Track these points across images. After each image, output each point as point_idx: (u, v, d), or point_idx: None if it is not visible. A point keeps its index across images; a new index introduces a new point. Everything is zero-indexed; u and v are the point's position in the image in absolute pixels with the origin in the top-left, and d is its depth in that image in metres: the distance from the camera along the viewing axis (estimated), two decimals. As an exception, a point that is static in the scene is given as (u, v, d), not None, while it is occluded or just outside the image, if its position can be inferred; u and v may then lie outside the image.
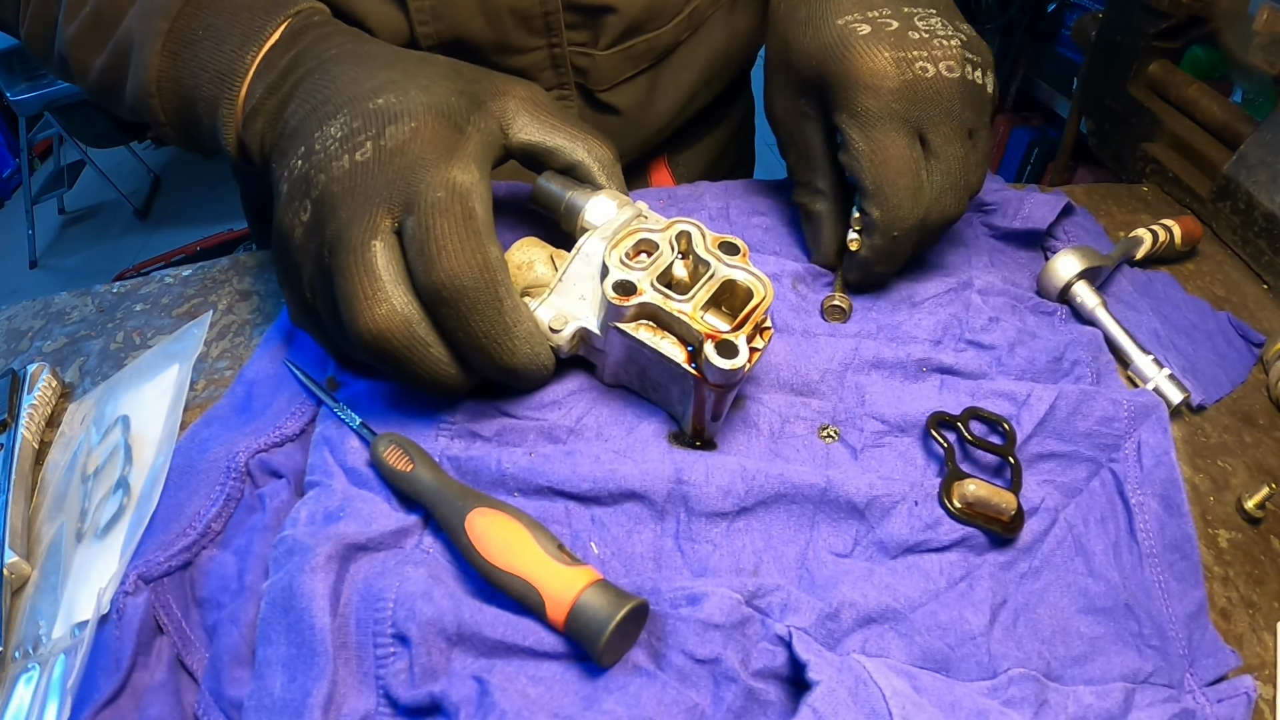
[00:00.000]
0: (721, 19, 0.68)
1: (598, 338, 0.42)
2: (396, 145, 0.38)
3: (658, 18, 0.63)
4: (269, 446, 0.44)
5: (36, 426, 0.49)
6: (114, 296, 0.59)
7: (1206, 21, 0.73)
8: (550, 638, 0.35)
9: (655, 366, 0.41)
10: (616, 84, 0.64)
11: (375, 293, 0.37)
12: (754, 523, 0.40)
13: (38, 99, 2.48)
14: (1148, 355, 0.51)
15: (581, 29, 0.60)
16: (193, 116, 0.47)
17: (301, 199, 0.39)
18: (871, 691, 0.32)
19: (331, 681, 0.33)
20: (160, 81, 0.46)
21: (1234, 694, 0.37)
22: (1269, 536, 0.45)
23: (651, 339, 0.40)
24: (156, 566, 0.38)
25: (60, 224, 3.07)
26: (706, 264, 0.41)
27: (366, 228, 0.37)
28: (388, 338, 0.37)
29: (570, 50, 0.61)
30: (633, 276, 0.40)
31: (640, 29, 0.62)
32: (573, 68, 0.62)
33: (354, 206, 0.37)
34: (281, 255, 0.42)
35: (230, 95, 0.45)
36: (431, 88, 0.41)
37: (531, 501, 0.40)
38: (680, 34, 0.65)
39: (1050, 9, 1.93)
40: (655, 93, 0.67)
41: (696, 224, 0.42)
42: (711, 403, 0.40)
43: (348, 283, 0.37)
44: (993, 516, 0.40)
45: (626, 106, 0.66)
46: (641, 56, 0.64)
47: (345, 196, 0.38)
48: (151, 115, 0.48)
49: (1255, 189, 0.62)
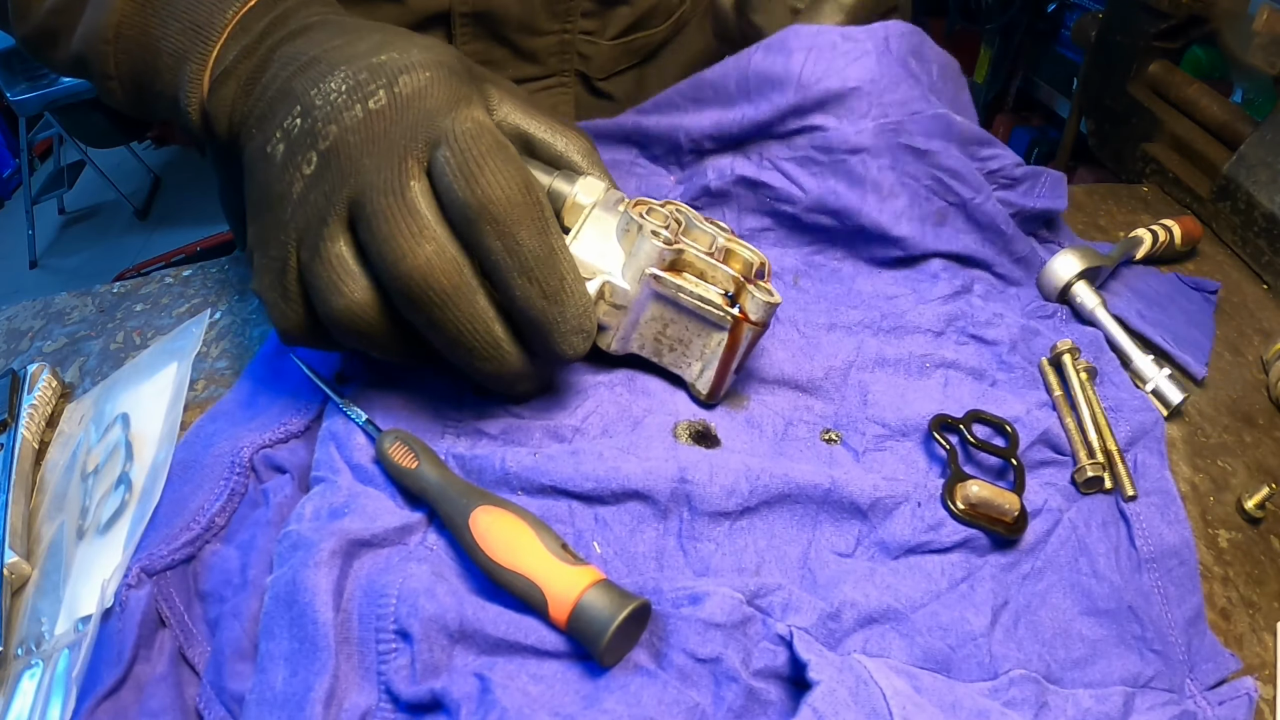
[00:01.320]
0: (698, 24, 0.73)
1: (623, 291, 0.42)
2: (414, 91, 0.37)
3: (657, 15, 0.68)
4: (274, 442, 0.44)
5: (36, 426, 0.49)
6: (114, 296, 0.59)
7: (1206, 21, 0.73)
8: (552, 636, 0.35)
9: (683, 318, 0.42)
10: (612, 74, 0.68)
11: (421, 229, 0.35)
12: (757, 522, 0.40)
13: (38, 99, 2.48)
14: (1147, 355, 0.51)
15: (594, 18, 0.64)
16: (150, 71, 0.44)
17: (305, 152, 0.37)
18: (872, 691, 0.32)
19: (333, 677, 0.33)
20: (121, 27, 0.43)
21: (1235, 695, 0.37)
22: (1269, 536, 0.45)
23: (688, 284, 0.41)
24: (159, 560, 0.39)
25: (60, 224, 3.07)
26: (708, 235, 0.43)
27: (400, 170, 0.35)
28: (437, 277, 0.35)
29: (579, 38, 0.64)
30: (663, 230, 0.41)
31: (642, 24, 0.67)
32: (578, 54, 0.65)
33: (380, 152, 0.36)
34: (263, 213, 0.39)
35: (202, 51, 0.42)
36: (432, 51, 0.39)
37: (535, 500, 0.40)
38: (668, 35, 0.70)
39: (1050, 9, 1.93)
40: (643, 87, 0.71)
41: (686, 205, 0.45)
42: (746, 344, 0.42)
43: (388, 224, 0.35)
44: (996, 518, 0.40)
45: (620, 96, 0.70)
46: (637, 51, 0.68)
47: (367, 144, 0.36)
48: (100, 66, 0.44)
49: (1255, 189, 0.62)
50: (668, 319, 0.43)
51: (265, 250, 0.39)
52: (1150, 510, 0.43)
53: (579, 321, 0.38)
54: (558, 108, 0.68)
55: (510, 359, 0.38)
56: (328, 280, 0.37)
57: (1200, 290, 0.60)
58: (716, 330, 0.41)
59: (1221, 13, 0.72)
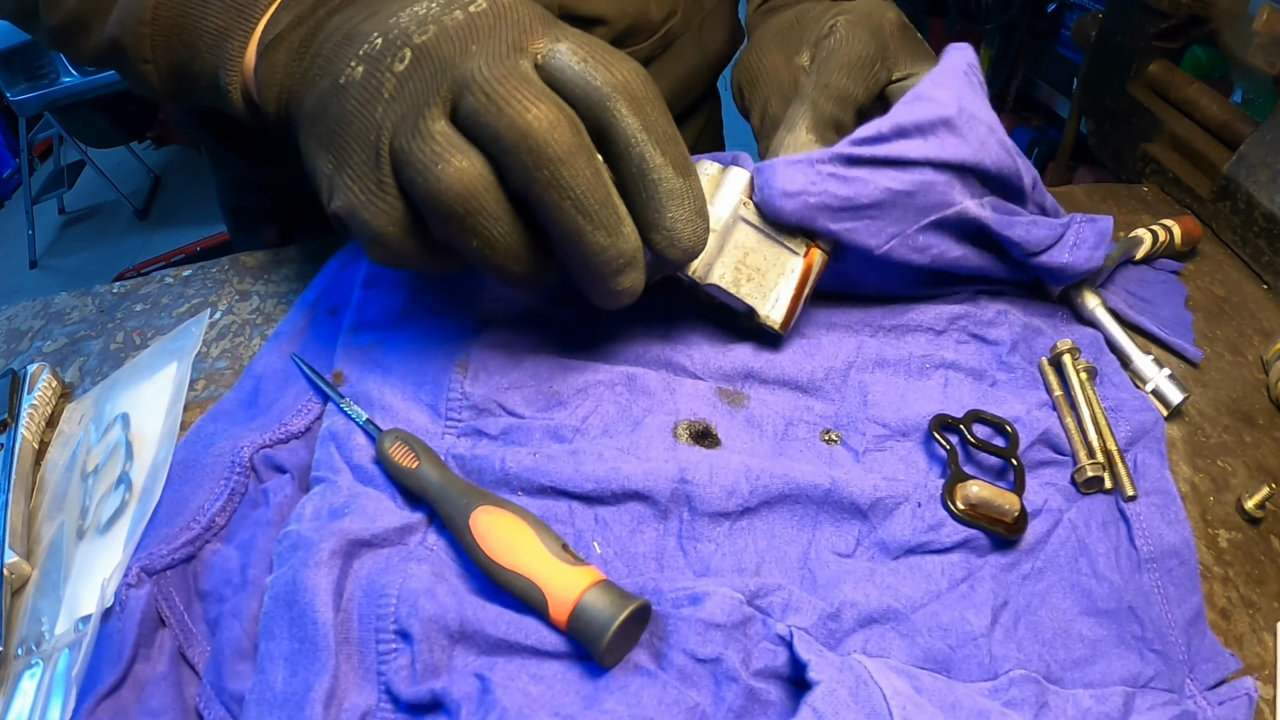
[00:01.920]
0: (692, 38, 0.71)
1: (714, 217, 0.44)
2: (509, 5, 0.36)
3: (639, 33, 0.66)
4: (274, 442, 0.44)
5: (36, 426, 0.49)
6: (114, 296, 0.59)
7: (1206, 21, 0.73)
8: (552, 637, 0.35)
9: (762, 248, 0.45)
10: None
11: (537, 95, 0.33)
12: (757, 522, 0.40)
13: (38, 99, 2.48)
14: (1147, 355, 0.51)
15: None
16: (189, 51, 0.43)
17: (397, 51, 0.35)
18: (872, 691, 0.32)
19: (333, 677, 0.33)
20: (159, 8, 0.42)
21: (1235, 695, 0.37)
22: (1269, 536, 0.45)
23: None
24: (159, 559, 0.39)
25: (60, 224, 3.07)
26: None
27: (510, 50, 0.35)
28: (556, 133, 0.33)
29: None
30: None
31: (622, 43, 0.65)
32: None
33: (489, 41, 0.35)
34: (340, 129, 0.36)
35: (244, 27, 0.41)
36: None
37: (535, 501, 0.40)
38: (654, 51, 0.68)
39: (1050, 9, 1.94)
40: None
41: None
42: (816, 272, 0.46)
43: (503, 88, 0.33)
44: (996, 518, 0.40)
45: None
46: None
47: (473, 35, 0.35)
48: (135, 50, 0.43)
49: (1255, 189, 0.62)
50: (749, 247, 0.45)
51: (349, 158, 0.36)
52: (1150, 510, 0.43)
53: (700, 204, 0.37)
54: None
55: (627, 233, 0.36)
56: (431, 153, 0.34)
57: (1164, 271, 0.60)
58: (793, 257, 0.45)
59: (1221, 13, 0.72)
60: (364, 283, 0.50)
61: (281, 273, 0.59)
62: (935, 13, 2.36)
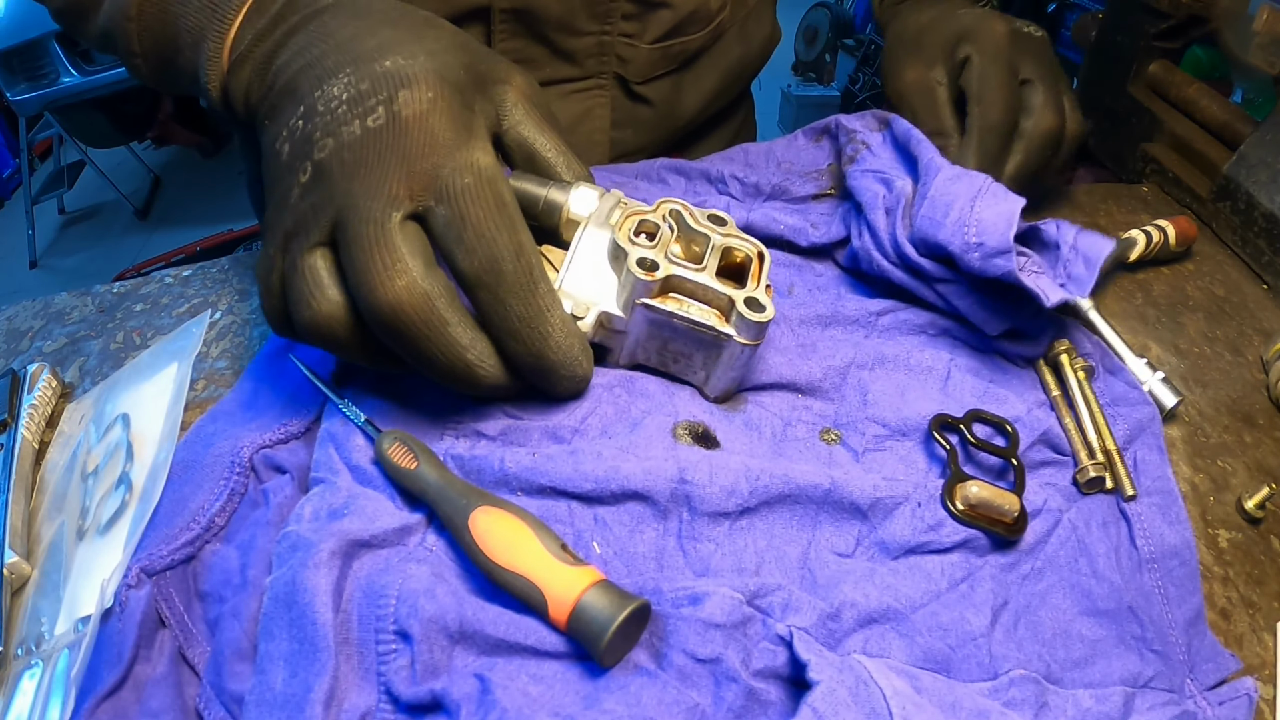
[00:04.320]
0: (737, 32, 0.73)
1: (619, 319, 0.42)
2: (413, 115, 0.37)
3: (696, 21, 0.68)
4: (274, 442, 0.44)
5: (36, 426, 0.49)
6: (114, 296, 0.59)
7: (1206, 21, 0.73)
8: (552, 637, 0.35)
9: (680, 337, 0.43)
10: (650, 79, 0.68)
11: (394, 263, 0.35)
12: (757, 522, 0.40)
13: (38, 99, 2.48)
14: (1141, 359, 0.51)
15: (634, 20, 0.64)
16: (171, 49, 0.44)
17: (302, 161, 0.37)
18: (872, 691, 0.32)
19: (333, 677, 0.33)
20: (143, 4, 0.44)
21: (1235, 695, 0.37)
22: (1269, 536, 0.45)
23: (680, 309, 0.41)
24: (159, 560, 0.39)
25: (60, 224, 3.07)
26: (704, 236, 0.43)
27: (387, 199, 0.36)
28: (407, 312, 0.35)
29: (618, 40, 0.64)
30: (649, 254, 0.41)
31: (682, 30, 0.67)
32: (616, 57, 0.65)
33: (370, 177, 0.36)
34: (270, 205, 0.39)
35: (218, 29, 0.42)
36: (440, 55, 0.39)
37: (534, 501, 0.40)
38: (706, 42, 0.70)
39: (1050, 9, 1.93)
40: (680, 93, 0.71)
41: (682, 202, 0.44)
42: (744, 359, 0.42)
43: (364, 254, 0.35)
44: (996, 518, 0.40)
45: (657, 101, 0.70)
46: (675, 57, 0.68)
47: (358, 166, 0.36)
48: (125, 43, 0.45)
49: (1255, 189, 0.62)
50: (665, 337, 0.43)
51: (264, 243, 0.40)
52: (1151, 510, 0.43)
53: (568, 370, 0.40)
54: (593, 110, 0.68)
55: (486, 379, 0.39)
56: (298, 290, 0.37)
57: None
58: (714, 345, 0.43)
59: (1221, 13, 0.72)
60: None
61: (281, 273, 0.59)
62: (935, 13, 2.36)
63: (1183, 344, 0.56)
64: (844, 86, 2.80)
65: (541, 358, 0.39)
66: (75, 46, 2.40)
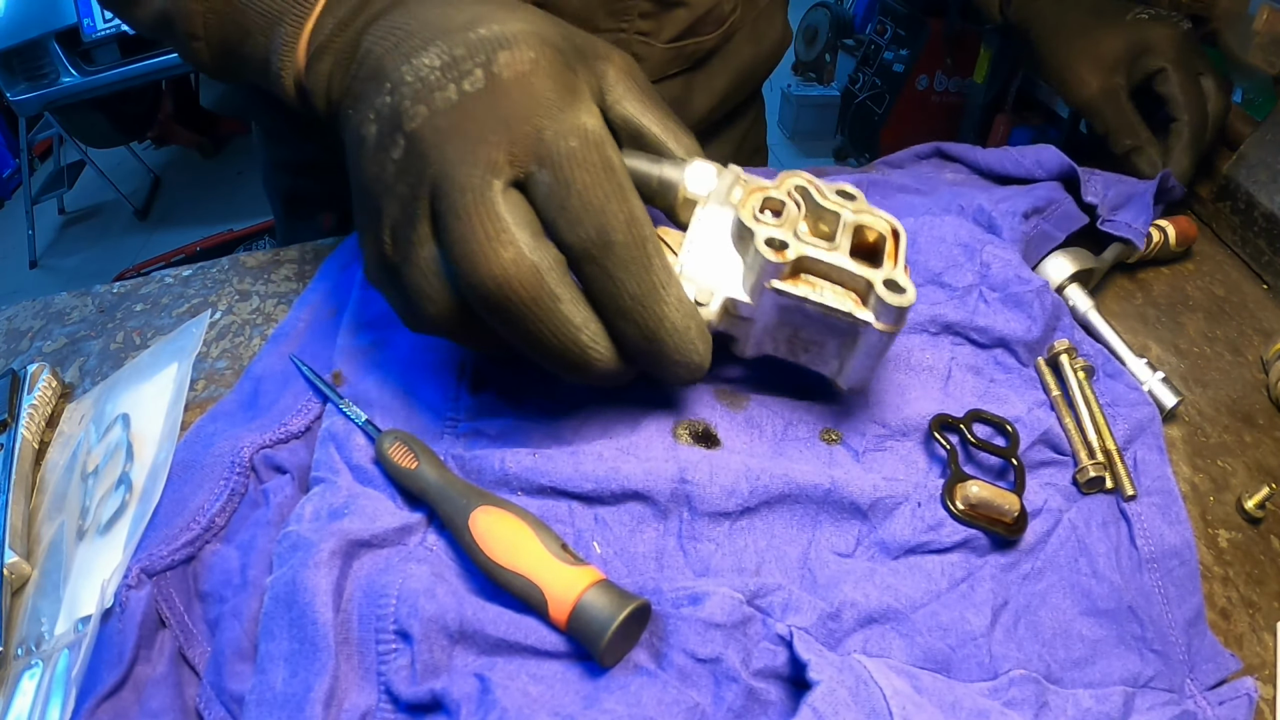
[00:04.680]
0: (748, 34, 0.73)
1: (745, 305, 0.39)
2: (514, 76, 0.34)
3: (710, 22, 0.67)
4: (274, 442, 0.44)
5: (36, 426, 0.49)
6: (114, 296, 0.59)
7: (1206, 21, 0.73)
8: (552, 636, 0.35)
9: (813, 324, 0.39)
10: (663, 79, 0.68)
11: (499, 234, 0.32)
12: (757, 522, 0.40)
13: (38, 99, 2.47)
14: (1141, 359, 0.51)
15: (650, 19, 0.64)
16: (240, 33, 0.41)
17: (392, 133, 0.34)
18: (872, 691, 0.32)
19: (333, 677, 0.33)
20: None
21: (1235, 695, 0.37)
22: (1269, 536, 0.45)
23: (813, 292, 0.38)
24: (159, 560, 0.39)
25: (60, 224, 3.07)
26: (833, 214, 0.40)
27: (486, 165, 0.33)
28: (515, 286, 0.32)
29: (635, 38, 0.64)
30: (778, 233, 0.38)
31: (695, 30, 0.67)
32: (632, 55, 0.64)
33: (466, 142, 0.33)
34: (363, 200, 0.37)
35: (297, 15, 0.40)
36: (537, 23, 0.36)
37: (535, 501, 0.40)
38: (718, 43, 0.70)
39: (1050, 10, 1.93)
40: (691, 93, 0.71)
41: (808, 176, 0.41)
42: (882, 345, 0.39)
43: (464, 225, 0.32)
44: (996, 518, 0.40)
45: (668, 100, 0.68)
46: (688, 57, 0.68)
47: (454, 131, 0.33)
48: (186, 25, 0.42)
49: (1255, 189, 0.62)
50: (797, 325, 0.40)
51: (365, 240, 0.37)
52: (1151, 510, 0.43)
53: (683, 355, 0.36)
54: None
55: (600, 364, 0.36)
56: (416, 289, 0.35)
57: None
58: (849, 332, 0.39)
59: (1221, 13, 0.72)
60: (364, 283, 0.50)
61: (281, 273, 0.59)
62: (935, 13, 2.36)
63: (1183, 344, 0.56)
64: (844, 86, 2.80)
65: (655, 340, 0.35)
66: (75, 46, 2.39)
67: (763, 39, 0.75)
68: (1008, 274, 0.51)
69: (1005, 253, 0.52)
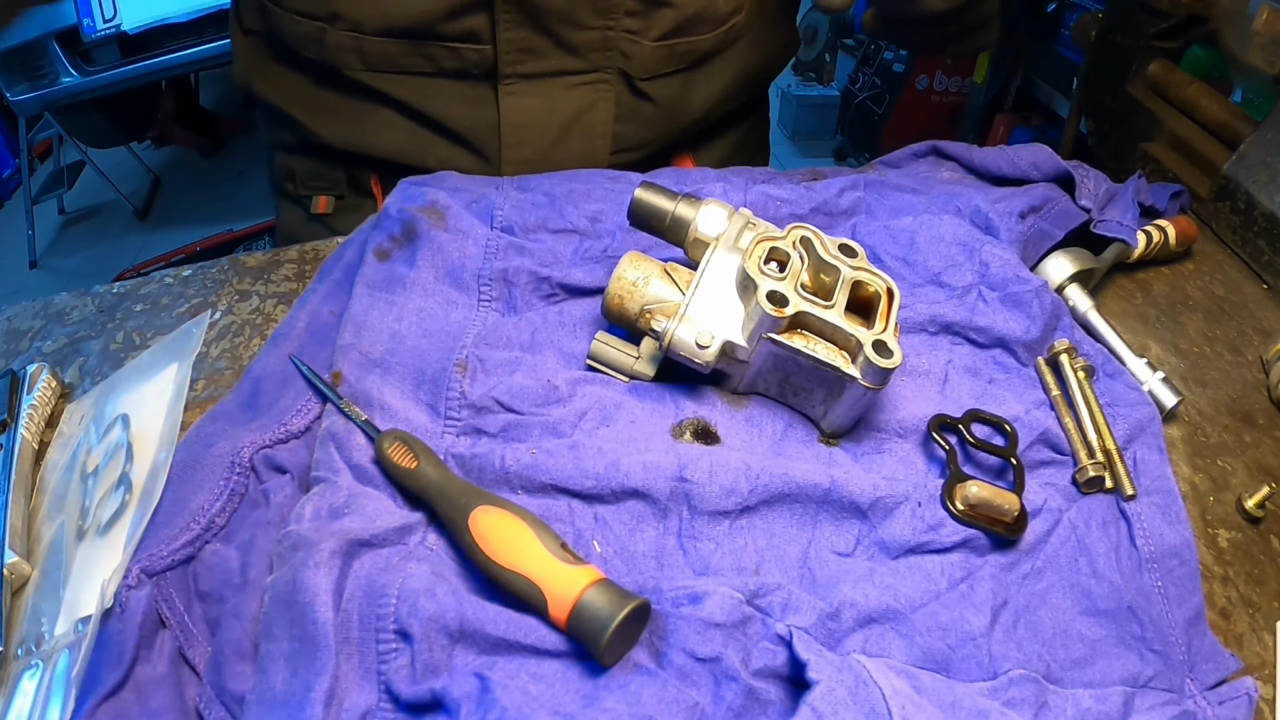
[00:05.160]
0: (751, 39, 0.73)
1: (742, 349, 0.42)
2: None
3: (703, 23, 0.68)
4: (274, 442, 0.44)
5: (36, 427, 0.49)
6: (114, 296, 0.59)
7: (1206, 21, 0.73)
8: (552, 636, 0.35)
9: (804, 373, 0.42)
10: (655, 76, 0.68)
11: None
12: (756, 521, 0.40)
13: (38, 99, 2.47)
14: (1141, 359, 0.51)
15: (638, 17, 0.65)
16: None
17: None
18: (871, 691, 0.32)
19: (333, 676, 0.33)
20: None
21: (1235, 695, 0.37)
22: (1269, 536, 0.45)
23: (807, 346, 0.41)
24: (159, 560, 0.39)
25: (60, 224, 3.07)
26: (834, 268, 0.42)
27: None
28: None
29: (622, 35, 0.65)
30: (779, 287, 0.41)
31: (686, 30, 0.67)
32: (620, 52, 0.66)
33: None
34: None
35: None
36: None
37: (535, 499, 0.40)
38: (718, 45, 0.70)
39: (1050, 9, 1.93)
40: (688, 93, 0.71)
41: (813, 229, 0.43)
42: (867, 399, 0.41)
43: None
44: (996, 518, 0.40)
45: (662, 99, 0.70)
46: (681, 56, 0.69)
47: None
48: None
49: (1255, 189, 0.62)
50: (789, 371, 0.43)
51: None
52: (1151, 510, 0.43)
53: None
54: (597, 104, 0.69)
55: None
56: None
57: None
58: (836, 385, 0.42)
59: (1221, 13, 0.72)
60: (363, 283, 0.50)
61: (281, 273, 0.59)
62: (935, 12, 2.36)
63: (1183, 344, 0.56)
64: (844, 86, 2.80)
65: None
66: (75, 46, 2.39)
67: (768, 44, 0.75)
68: (1007, 274, 0.51)
69: (1004, 252, 0.52)
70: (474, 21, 0.62)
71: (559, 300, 0.50)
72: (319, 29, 0.64)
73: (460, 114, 0.67)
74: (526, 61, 0.65)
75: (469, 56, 0.64)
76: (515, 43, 0.64)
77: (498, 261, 0.51)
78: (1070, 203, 0.58)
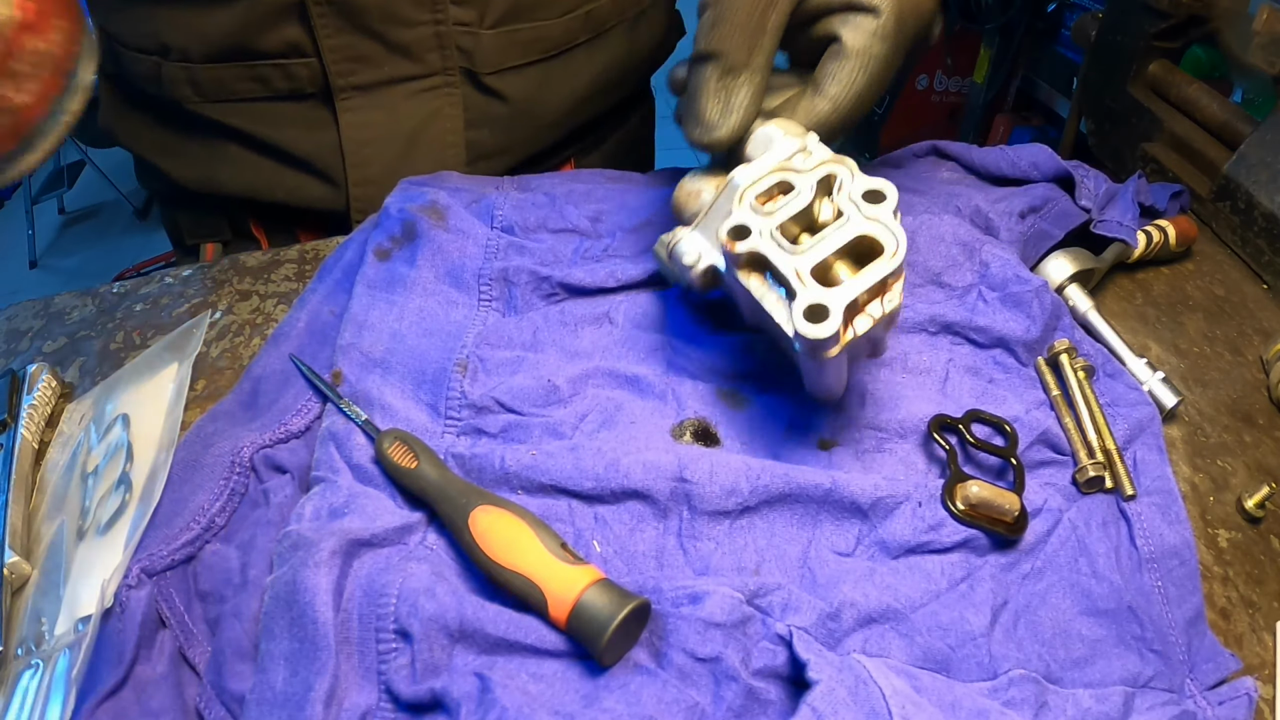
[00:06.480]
0: (624, 31, 0.68)
1: (725, 278, 0.39)
2: None
3: (546, 6, 0.62)
4: (274, 442, 0.44)
5: (36, 426, 0.49)
6: (114, 296, 0.59)
7: (1206, 21, 0.73)
8: (552, 636, 0.35)
9: (765, 318, 0.37)
10: (504, 70, 0.63)
11: None
12: (757, 521, 0.40)
13: (38, 99, 2.47)
14: (1141, 359, 0.51)
15: (467, 6, 0.60)
16: None
17: None
18: (871, 691, 0.32)
19: (333, 676, 0.33)
20: None
21: (1235, 695, 0.37)
22: (1269, 536, 0.45)
23: (759, 289, 0.36)
24: (160, 560, 0.39)
25: (60, 224, 3.07)
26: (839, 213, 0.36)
27: None
28: None
29: (455, 29, 0.60)
30: (752, 221, 0.36)
31: (526, 13, 0.62)
32: (457, 49, 0.61)
33: None
34: None
35: None
36: None
37: (535, 499, 0.40)
38: (575, 33, 0.65)
39: (1050, 9, 1.93)
40: (547, 87, 0.66)
41: (849, 165, 0.38)
42: (813, 366, 0.36)
43: None
44: (996, 518, 0.40)
45: (515, 95, 0.65)
46: (530, 45, 0.63)
47: None
48: None
49: (1255, 189, 0.62)
50: (760, 315, 0.38)
51: None
52: (1151, 510, 0.43)
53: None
54: (443, 110, 0.63)
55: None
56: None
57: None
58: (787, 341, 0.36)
59: (1221, 12, 0.71)
60: (364, 282, 0.50)
61: (281, 273, 0.59)
62: (935, 12, 2.36)
63: (1183, 344, 0.56)
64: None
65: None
66: (75, 46, 2.39)
67: (642, 37, 0.70)
68: (1007, 274, 0.51)
69: (1004, 252, 0.52)
70: (291, 32, 0.58)
71: (559, 300, 0.50)
72: (155, 64, 0.60)
73: (303, 139, 0.63)
74: (358, 71, 0.60)
75: (299, 73, 0.60)
76: (340, 50, 0.59)
77: (498, 261, 0.51)
78: (1070, 203, 0.58)
